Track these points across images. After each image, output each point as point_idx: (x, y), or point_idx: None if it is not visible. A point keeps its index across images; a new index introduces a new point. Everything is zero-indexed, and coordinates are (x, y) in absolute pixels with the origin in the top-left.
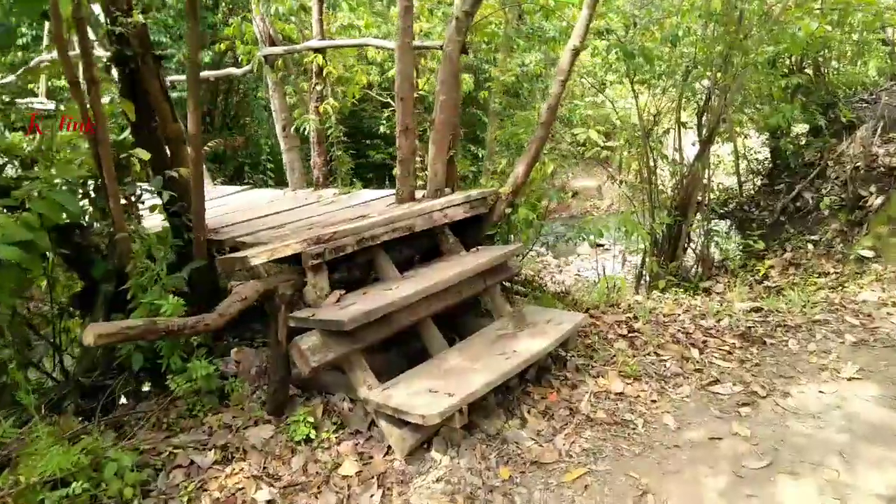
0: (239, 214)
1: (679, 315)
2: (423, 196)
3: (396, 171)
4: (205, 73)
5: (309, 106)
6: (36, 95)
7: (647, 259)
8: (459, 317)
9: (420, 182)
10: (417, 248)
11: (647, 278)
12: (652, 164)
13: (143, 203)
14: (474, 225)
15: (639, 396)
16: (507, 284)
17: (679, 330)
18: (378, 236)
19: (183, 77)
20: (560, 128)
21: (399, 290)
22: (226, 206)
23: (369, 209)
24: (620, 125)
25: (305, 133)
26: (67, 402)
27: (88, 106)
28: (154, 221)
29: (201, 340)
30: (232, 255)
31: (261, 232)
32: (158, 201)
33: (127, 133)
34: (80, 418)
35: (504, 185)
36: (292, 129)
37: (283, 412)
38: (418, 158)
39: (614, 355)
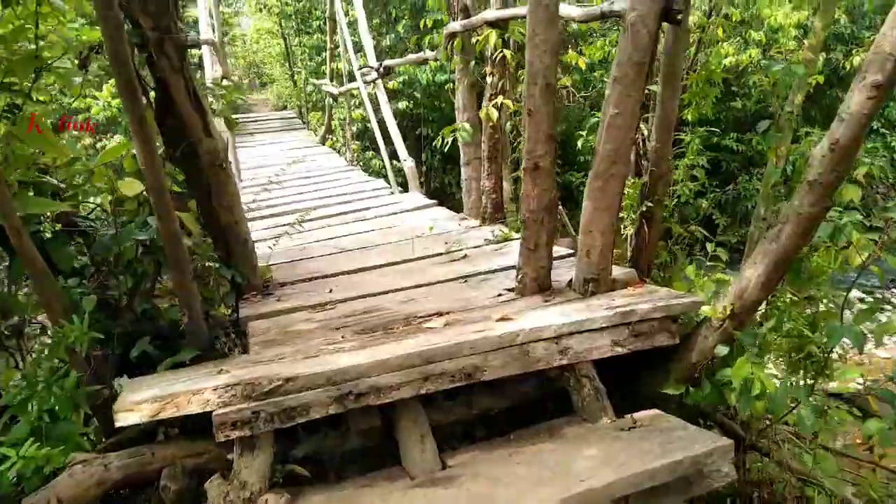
0: (349, 258)
1: None
2: (570, 283)
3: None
4: (391, 62)
5: (484, 104)
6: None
7: None
8: None
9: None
10: (511, 396)
11: None
12: None
13: None
14: (647, 365)
15: None
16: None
17: None
18: (386, 390)
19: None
20: None
21: None
22: (368, 232)
23: (482, 292)
24: None
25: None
26: None
27: None
28: None
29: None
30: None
31: (301, 311)
32: None
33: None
34: None
35: (718, 300)
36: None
37: None
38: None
39: None
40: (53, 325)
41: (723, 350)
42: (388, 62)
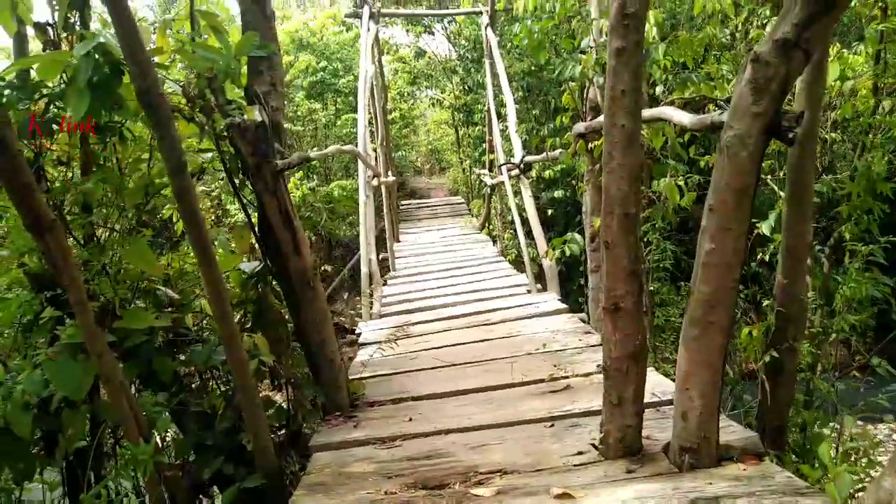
0: (447, 376)
1: None
2: (667, 447)
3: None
4: (531, 158)
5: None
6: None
7: None
8: None
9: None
10: None
11: None
12: None
13: None
14: None
15: None
16: None
17: None
18: None
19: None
20: None
21: None
22: (483, 342)
23: (564, 444)
24: None
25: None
26: None
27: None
28: None
29: None
30: None
31: (369, 445)
32: None
33: (254, 266)
34: None
35: None
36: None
37: None
38: None
39: None
40: (128, 442)
41: None
42: (528, 158)
